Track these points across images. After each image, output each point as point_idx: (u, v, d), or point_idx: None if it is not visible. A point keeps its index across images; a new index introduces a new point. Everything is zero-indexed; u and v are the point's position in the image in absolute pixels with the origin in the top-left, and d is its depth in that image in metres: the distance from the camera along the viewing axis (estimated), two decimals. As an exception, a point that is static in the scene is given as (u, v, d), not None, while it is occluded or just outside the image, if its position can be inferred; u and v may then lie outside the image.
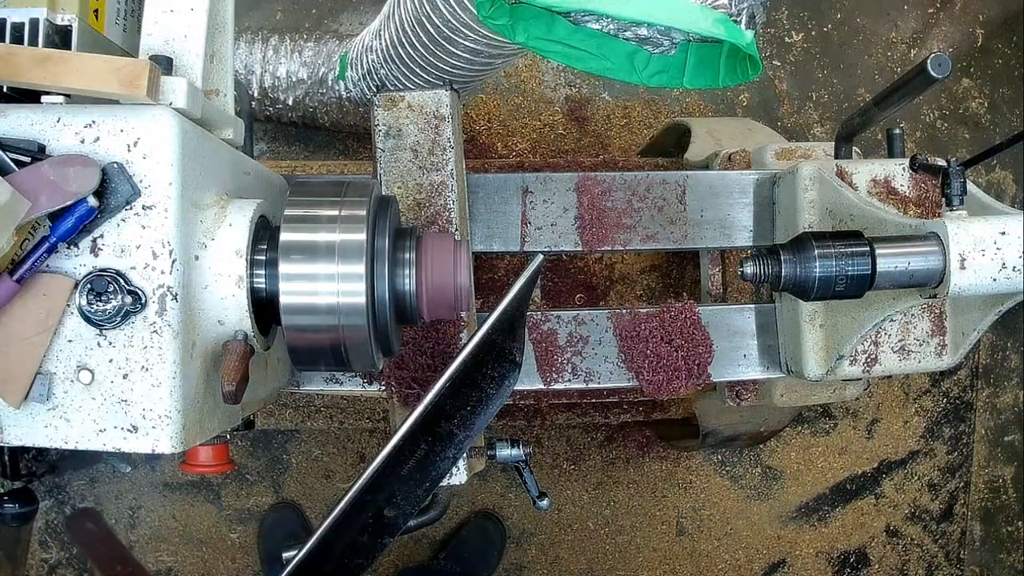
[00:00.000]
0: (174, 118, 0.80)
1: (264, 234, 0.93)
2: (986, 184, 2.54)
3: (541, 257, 0.90)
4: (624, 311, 1.38)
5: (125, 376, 0.79)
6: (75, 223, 0.77)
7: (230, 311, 0.88)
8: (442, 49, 1.36)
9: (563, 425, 2.22)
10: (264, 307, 0.92)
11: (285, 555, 1.03)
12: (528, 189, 1.40)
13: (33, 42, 0.87)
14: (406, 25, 1.39)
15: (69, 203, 0.76)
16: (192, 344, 0.84)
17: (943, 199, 1.14)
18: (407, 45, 1.42)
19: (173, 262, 0.80)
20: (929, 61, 1.09)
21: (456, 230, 1.20)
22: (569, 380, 1.38)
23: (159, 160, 0.80)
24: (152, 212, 0.80)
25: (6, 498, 0.90)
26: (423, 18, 1.31)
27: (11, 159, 0.77)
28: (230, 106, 0.99)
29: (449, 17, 1.25)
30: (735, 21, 0.98)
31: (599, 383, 1.38)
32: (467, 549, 2.23)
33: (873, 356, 1.33)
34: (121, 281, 0.78)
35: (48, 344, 0.79)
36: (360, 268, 0.88)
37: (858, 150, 1.44)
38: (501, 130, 2.34)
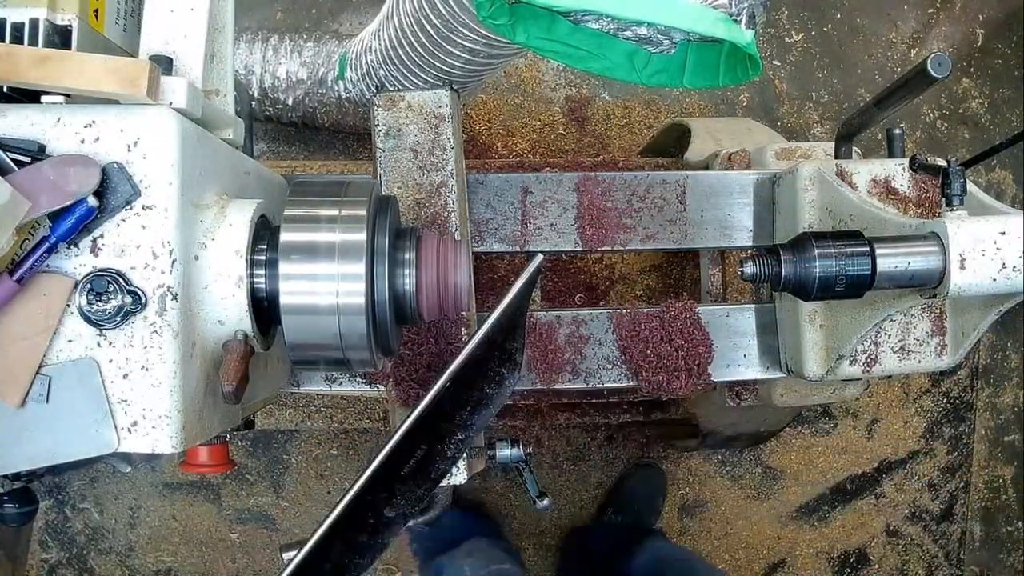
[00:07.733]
0: (174, 118, 0.80)
1: (264, 234, 0.93)
2: (986, 184, 2.54)
3: (541, 257, 0.90)
4: (624, 311, 1.38)
5: (125, 376, 0.79)
6: (75, 223, 0.77)
7: (230, 311, 0.88)
8: (441, 49, 1.36)
9: (563, 425, 2.22)
10: (264, 307, 0.92)
11: (285, 555, 1.03)
12: (528, 189, 1.40)
13: (33, 42, 0.86)
14: (405, 25, 1.39)
15: (69, 203, 0.76)
16: (192, 344, 0.84)
17: (943, 199, 1.14)
18: (406, 45, 1.42)
19: (173, 262, 0.80)
20: (929, 61, 1.09)
21: (456, 230, 1.20)
22: (569, 380, 1.38)
23: (159, 160, 0.80)
24: (152, 212, 0.80)
25: (6, 498, 0.90)
26: (422, 18, 1.31)
27: (11, 159, 0.77)
28: (230, 106, 0.99)
29: (449, 17, 1.25)
30: (735, 21, 0.98)
31: (599, 383, 1.38)
32: (634, 500, 2.27)
33: (873, 356, 1.33)
34: (121, 281, 0.78)
35: (48, 344, 0.79)
36: (360, 268, 0.88)
37: (858, 150, 1.44)
38: (501, 130, 2.33)
